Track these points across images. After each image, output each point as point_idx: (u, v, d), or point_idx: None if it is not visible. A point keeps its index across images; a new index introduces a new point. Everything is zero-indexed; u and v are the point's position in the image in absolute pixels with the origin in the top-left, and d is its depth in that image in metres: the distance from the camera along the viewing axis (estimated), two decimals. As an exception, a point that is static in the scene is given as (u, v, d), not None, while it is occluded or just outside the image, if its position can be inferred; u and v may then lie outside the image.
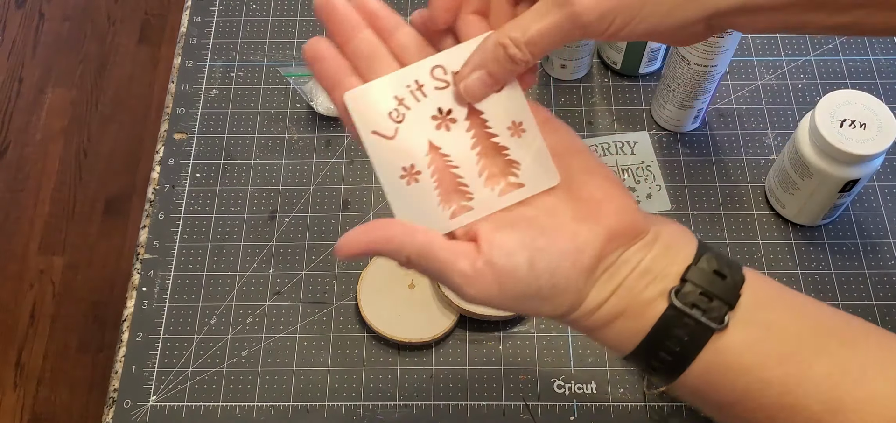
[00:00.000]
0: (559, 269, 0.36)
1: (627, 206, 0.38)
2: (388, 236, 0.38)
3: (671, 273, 0.37)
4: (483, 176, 0.39)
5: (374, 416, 0.61)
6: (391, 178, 0.39)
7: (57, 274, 1.55)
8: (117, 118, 1.73)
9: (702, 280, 0.37)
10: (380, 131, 0.38)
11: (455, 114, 0.39)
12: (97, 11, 1.86)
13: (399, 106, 0.39)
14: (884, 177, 0.71)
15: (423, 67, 0.39)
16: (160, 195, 0.70)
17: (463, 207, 0.39)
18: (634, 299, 0.37)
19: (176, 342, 0.64)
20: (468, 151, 0.39)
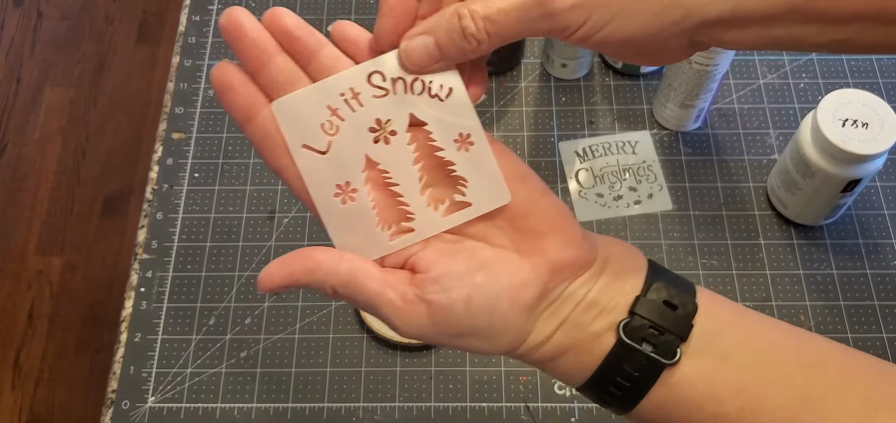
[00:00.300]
0: (497, 308, 0.34)
1: (573, 237, 0.36)
2: (309, 268, 0.35)
3: (619, 305, 0.35)
4: (426, 194, 0.36)
5: (374, 417, 0.61)
6: (325, 196, 0.35)
7: (55, 274, 1.54)
8: (116, 118, 1.72)
9: (651, 313, 0.35)
10: (311, 145, 0.35)
11: (395, 126, 0.35)
12: (95, 10, 1.86)
13: (332, 117, 0.35)
14: (886, 176, 0.70)
15: (360, 73, 0.35)
16: (159, 195, 0.70)
17: (403, 228, 0.36)
18: (581, 334, 0.36)
19: (174, 343, 0.63)
20: (409, 166, 0.36)
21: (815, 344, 0.36)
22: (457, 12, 0.33)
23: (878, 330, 0.63)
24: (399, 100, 0.35)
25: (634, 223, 0.68)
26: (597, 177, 0.69)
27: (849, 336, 0.63)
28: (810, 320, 0.64)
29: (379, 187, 0.36)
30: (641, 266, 0.37)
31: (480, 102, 0.74)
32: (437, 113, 0.35)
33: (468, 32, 0.33)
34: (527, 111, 0.74)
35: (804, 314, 0.64)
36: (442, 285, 0.34)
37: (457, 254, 0.35)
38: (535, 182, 0.36)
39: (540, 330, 0.36)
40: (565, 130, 0.73)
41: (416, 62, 0.34)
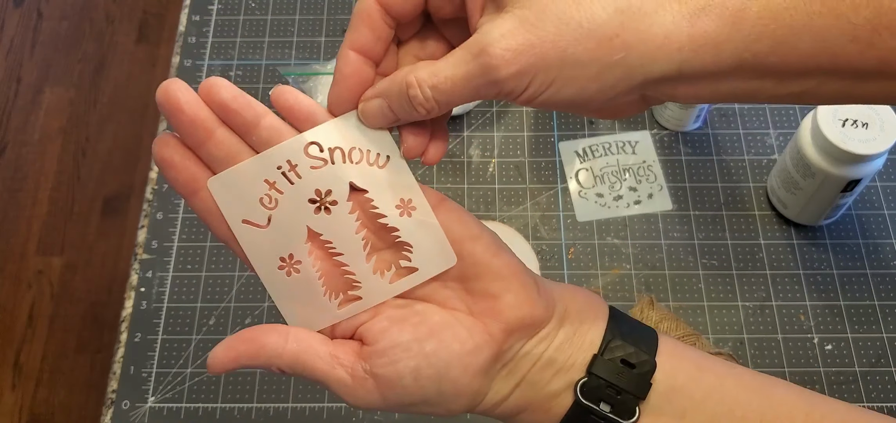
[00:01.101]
0: (447, 376, 0.34)
1: (527, 296, 0.35)
2: (255, 351, 0.35)
3: (577, 363, 0.35)
4: (371, 261, 0.36)
5: (374, 416, 0.61)
6: (269, 270, 0.35)
7: (55, 274, 1.54)
8: (116, 118, 1.72)
9: (608, 373, 0.34)
10: (251, 220, 0.35)
11: (335, 195, 0.35)
12: (95, 10, 1.86)
13: (271, 190, 0.34)
14: (886, 176, 0.70)
15: (296, 145, 0.34)
16: (159, 195, 0.70)
17: (350, 296, 0.36)
18: (538, 393, 0.35)
19: (174, 343, 0.63)
20: (352, 234, 0.35)
21: (782, 399, 0.35)
22: (405, 81, 0.33)
23: (878, 330, 0.63)
24: (337, 169, 0.35)
25: (634, 223, 0.68)
26: (597, 177, 0.69)
27: (849, 336, 0.63)
28: (810, 320, 0.64)
29: (323, 258, 0.36)
30: (601, 317, 0.36)
31: (481, 103, 0.74)
32: (376, 180, 0.35)
33: (416, 101, 0.33)
34: (527, 111, 0.74)
35: (804, 314, 0.64)
36: (389, 358, 0.34)
37: (406, 321, 0.35)
38: (487, 241, 0.36)
39: (497, 390, 0.35)
40: (565, 130, 0.73)
41: (372, 121, 0.35)
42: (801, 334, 0.64)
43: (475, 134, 0.73)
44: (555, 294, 0.36)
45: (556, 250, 0.67)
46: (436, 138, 0.36)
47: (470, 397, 0.35)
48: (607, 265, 0.66)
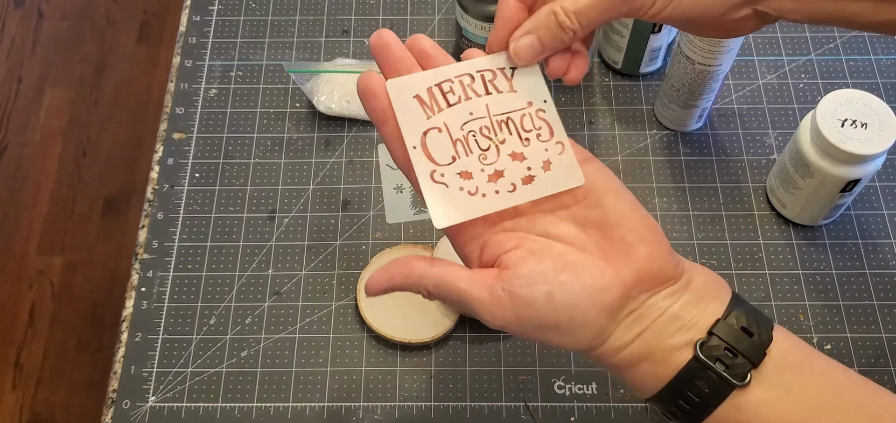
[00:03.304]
0: (579, 305, 0.37)
1: (660, 251, 0.38)
2: (407, 272, 0.39)
3: (699, 324, 0.37)
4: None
5: (374, 416, 0.61)
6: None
7: (56, 274, 1.54)
8: (116, 118, 1.72)
9: (728, 336, 0.37)
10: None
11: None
12: (96, 11, 1.86)
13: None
14: (885, 177, 0.70)
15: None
16: (159, 195, 0.70)
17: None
18: (660, 344, 0.37)
19: (175, 343, 0.64)
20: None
21: (883, 396, 0.37)
22: (552, 11, 0.40)
23: (878, 330, 0.64)
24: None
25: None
26: (459, 141, 0.41)
27: (848, 336, 0.63)
28: (809, 319, 0.64)
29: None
30: (725, 294, 0.39)
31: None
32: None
33: (564, 25, 0.39)
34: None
35: (803, 314, 0.64)
36: (527, 280, 0.37)
37: (544, 255, 0.38)
38: (628, 199, 0.40)
39: (620, 335, 0.38)
40: (565, 129, 0.73)
41: (524, 57, 0.41)
42: (800, 333, 0.64)
43: (475, 134, 0.73)
44: (684, 264, 0.39)
45: (555, 249, 0.67)
46: (576, 58, 0.42)
47: (596, 331, 0.37)
48: (607, 265, 0.66)
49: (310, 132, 0.74)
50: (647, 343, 0.37)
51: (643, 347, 0.38)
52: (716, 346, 0.37)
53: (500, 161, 0.41)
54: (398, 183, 0.71)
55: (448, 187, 0.40)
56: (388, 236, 0.68)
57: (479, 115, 0.42)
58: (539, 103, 0.43)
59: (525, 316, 0.37)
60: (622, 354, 0.38)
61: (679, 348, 0.37)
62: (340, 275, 0.66)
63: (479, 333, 0.64)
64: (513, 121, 0.42)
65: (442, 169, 0.41)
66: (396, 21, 0.80)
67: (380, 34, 0.41)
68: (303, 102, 0.75)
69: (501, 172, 0.41)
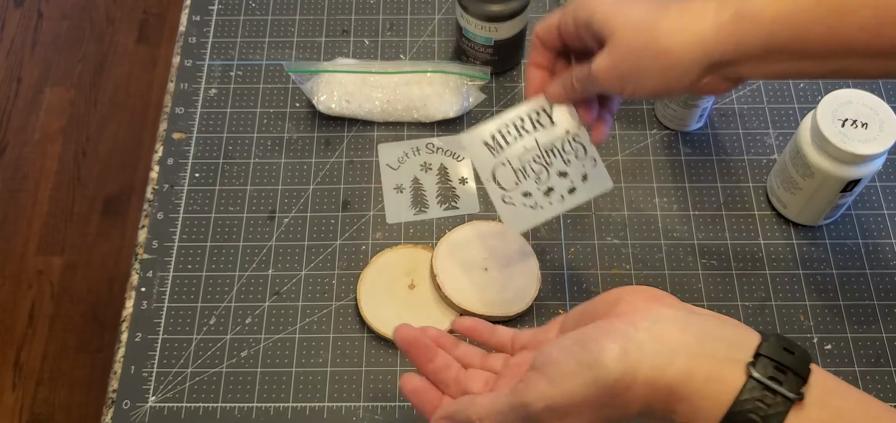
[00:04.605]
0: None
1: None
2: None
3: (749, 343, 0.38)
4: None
5: (374, 416, 0.61)
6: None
7: (55, 274, 1.54)
8: (116, 118, 1.72)
9: (774, 353, 0.37)
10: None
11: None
12: (96, 10, 1.86)
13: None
14: (885, 176, 0.70)
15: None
16: (159, 195, 0.70)
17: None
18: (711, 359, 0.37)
19: (175, 343, 0.63)
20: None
21: None
22: (569, 75, 0.53)
23: (878, 330, 0.64)
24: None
25: (633, 223, 0.68)
26: (518, 171, 0.56)
27: (848, 336, 0.63)
28: (810, 319, 0.64)
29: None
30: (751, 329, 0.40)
31: (481, 102, 0.74)
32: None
33: (572, 86, 0.53)
34: (527, 111, 0.75)
35: (804, 314, 0.64)
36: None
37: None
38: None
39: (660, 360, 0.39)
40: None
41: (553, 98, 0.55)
42: (800, 333, 0.64)
43: (475, 134, 0.73)
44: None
45: (556, 249, 0.67)
46: (599, 123, 0.56)
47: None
48: (607, 265, 0.66)
49: (310, 132, 0.74)
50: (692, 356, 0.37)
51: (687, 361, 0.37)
52: (765, 365, 0.37)
53: (551, 180, 0.56)
54: (398, 183, 0.71)
55: (516, 206, 0.57)
56: (388, 236, 0.68)
57: (530, 146, 0.56)
58: (574, 130, 0.56)
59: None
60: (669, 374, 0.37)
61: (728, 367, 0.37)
62: (340, 275, 0.66)
63: (479, 333, 0.64)
64: (556, 147, 0.56)
65: (509, 193, 0.56)
66: (396, 21, 0.80)
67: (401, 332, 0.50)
68: (303, 101, 0.75)
69: (552, 187, 0.57)
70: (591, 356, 0.39)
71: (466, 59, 0.76)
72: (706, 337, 0.38)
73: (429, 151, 0.72)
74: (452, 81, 0.73)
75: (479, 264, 0.65)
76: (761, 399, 0.36)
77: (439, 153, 0.72)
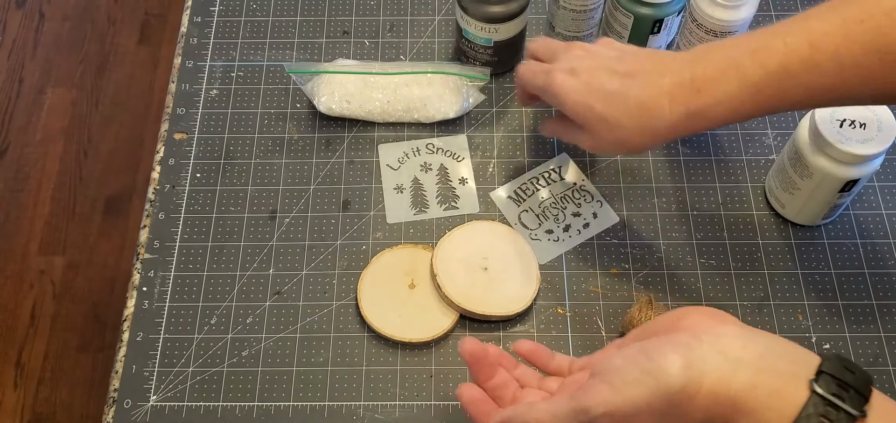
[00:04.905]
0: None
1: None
2: None
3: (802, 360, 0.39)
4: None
5: (374, 416, 0.61)
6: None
7: (57, 274, 1.55)
8: (117, 118, 1.73)
9: (836, 372, 0.37)
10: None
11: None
12: (97, 11, 1.86)
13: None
14: (884, 176, 0.71)
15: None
16: (160, 195, 0.70)
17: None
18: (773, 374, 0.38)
19: (176, 342, 0.64)
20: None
21: None
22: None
23: (877, 330, 0.64)
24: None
25: (632, 223, 0.68)
26: (539, 215, 0.68)
27: (847, 335, 0.63)
28: (808, 319, 0.64)
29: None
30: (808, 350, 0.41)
31: (480, 103, 0.75)
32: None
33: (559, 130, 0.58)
34: (526, 112, 0.75)
35: (802, 314, 0.65)
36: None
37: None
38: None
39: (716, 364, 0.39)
40: (565, 130, 0.73)
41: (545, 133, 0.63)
42: (799, 333, 0.64)
43: (475, 134, 0.73)
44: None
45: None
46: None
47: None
48: (606, 265, 0.67)
49: (310, 133, 0.74)
50: (755, 370, 0.38)
51: (751, 374, 0.38)
52: (828, 382, 0.37)
53: (567, 219, 0.68)
54: (398, 183, 0.71)
55: (541, 241, 0.67)
56: (389, 236, 0.68)
57: (546, 197, 0.69)
58: (580, 182, 0.70)
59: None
60: (733, 385, 0.38)
61: (791, 382, 0.37)
62: (341, 275, 0.67)
63: (478, 333, 0.64)
64: (567, 195, 0.69)
65: (535, 231, 0.68)
66: (396, 22, 0.80)
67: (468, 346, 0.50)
68: (303, 102, 0.75)
69: (570, 225, 0.68)
70: (655, 364, 0.39)
71: (466, 60, 0.76)
72: (768, 353, 0.39)
73: (429, 152, 0.72)
74: (452, 81, 0.73)
75: (479, 264, 0.65)
76: (824, 415, 0.36)
77: (439, 153, 0.72)
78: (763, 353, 0.39)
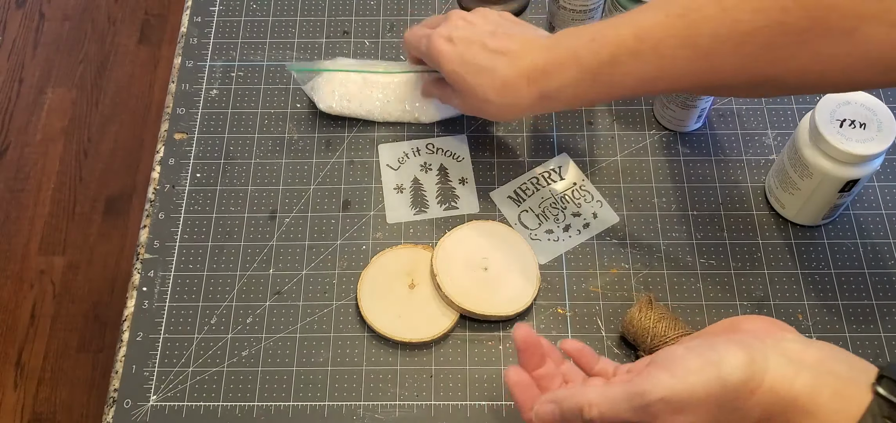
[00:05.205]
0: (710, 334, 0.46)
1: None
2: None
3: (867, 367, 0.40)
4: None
5: (374, 415, 0.61)
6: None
7: (57, 274, 1.55)
8: (117, 118, 1.73)
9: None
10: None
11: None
12: (97, 11, 1.86)
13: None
14: (883, 177, 0.71)
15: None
16: (160, 195, 0.70)
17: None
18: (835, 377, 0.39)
19: (176, 342, 0.64)
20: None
21: None
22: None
23: (877, 330, 0.64)
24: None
25: (632, 223, 0.68)
26: (539, 215, 0.68)
27: (847, 336, 0.63)
28: (808, 319, 0.64)
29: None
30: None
31: (480, 103, 0.74)
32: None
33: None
34: (526, 112, 0.75)
35: (802, 314, 0.65)
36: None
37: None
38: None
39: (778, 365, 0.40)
40: (565, 130, 0.73)
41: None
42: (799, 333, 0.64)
43: (475, 134, 0.73)
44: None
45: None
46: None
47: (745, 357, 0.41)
48: (606, 265, 0.67)
49: (310, 132, 0.74)
50: (817, 372, 0.38)
51: (813, 376, 0.38)
52: (890, 386, 0.38)
53: (567, 219, 0.68)
54: (398, 183, 0.71)
55: (541, 241, 0.67)
56: (389, 236, 0.68)
57: (547, 196, 0.69)
58: (580, 183, 0.70)
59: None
60: (796, 385, 0.38)
61: (853, 386, 0.38)
62: (341, 275, 0.67)
63: (478, 333, 0.64)
64: (567, 196, 0.69)
65: (534, 231, 0.68)
66: (396, 22, 0.80)
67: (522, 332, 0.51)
68: (303, 102, 0.75)
69: (570, 225, 0.68)
70: (719, 355, 0.40)
71: (466, 60, 0.76)
72: (829, 359, 0.40)
73: (429, 152, 0.72)
74: (452, 81, 0.73)
75: (479, 264, 0.65)
76: (889, 417, 0.37)
77: (439, 153, 0.72)
78: (824, 358, 0.40)
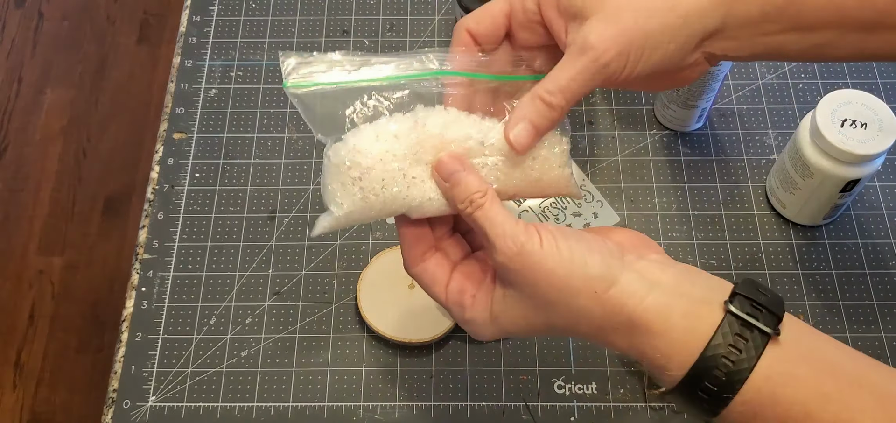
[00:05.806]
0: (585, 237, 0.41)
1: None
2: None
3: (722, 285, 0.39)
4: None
5: (374, 416, 0.61)
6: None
7: (56, 274, 1.54)
8: (116, 118, 1.73)
9: (750, 293, 0.38)
10: None
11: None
12: (96, 11, 1.86)
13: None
14: (885, 177, 0.71)
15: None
16: (159, 195, 0.70)
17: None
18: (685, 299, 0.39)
19: (175, 343, 0.64)
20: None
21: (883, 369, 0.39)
22: (537, 95, 0.42)
23: (877, 330, 0.64)
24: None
25: (632, 224, 0.68)
26: (539, 215, 0.68)
27: (848, 336, 0.63)
28: (809, 319, 0.64)
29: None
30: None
31: (480, 103, 0.74)
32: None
33: (553, 104, 0.41)
34: (526, 111, 0.75)
35: (803, 314, 0.64)
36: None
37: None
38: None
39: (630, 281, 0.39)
40: (565, 130, 0.73)
41: (523, 144, 0.42)
42: (799, 333, 0.64)
43: (475, 134, 0.73)
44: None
45: (555, 249, 0.67)
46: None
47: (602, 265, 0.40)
48: (607, 265, 0.67)
49: (310, 132, 0.74)
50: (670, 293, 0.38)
51: (665, 297, 0.38)
52: (742, 303, 0.38)
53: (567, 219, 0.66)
54: (398, 183, 0.71)
55: None
56: (388, 236, 0.68)
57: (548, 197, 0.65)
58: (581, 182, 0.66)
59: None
60: (646, 303, 0.38)
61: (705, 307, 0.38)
62: (340, 275, 0.66)
63: (479, 333, 0.64)
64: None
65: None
66: (396, 21, 0.80)
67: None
68: (303, 102, 0.75)
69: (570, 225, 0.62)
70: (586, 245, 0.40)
71: (466, 60, 0.76)
72: (684, 280, 0.40)
73: (429, 152, 0.72)
74: (452, 81, 0.73)
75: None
76: (739, 334, 0.37)
77: (439, 153, 0.72)
78: (681, 280, 0.39)
